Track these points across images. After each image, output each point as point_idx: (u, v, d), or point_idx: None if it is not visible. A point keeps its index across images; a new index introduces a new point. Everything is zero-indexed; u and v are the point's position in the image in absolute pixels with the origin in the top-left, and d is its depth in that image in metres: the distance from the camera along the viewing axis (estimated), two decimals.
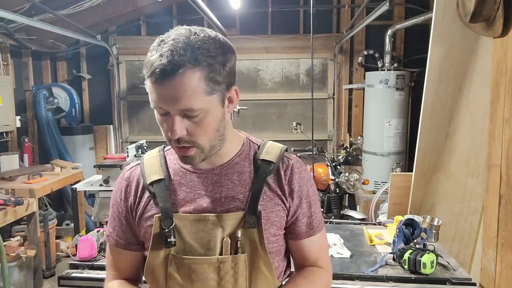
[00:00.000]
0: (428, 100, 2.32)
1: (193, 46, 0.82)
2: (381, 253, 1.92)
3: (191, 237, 0.92)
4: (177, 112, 0.84)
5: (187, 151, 0.89)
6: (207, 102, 0.84)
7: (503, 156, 1.56)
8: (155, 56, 0.81)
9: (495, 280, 1.62)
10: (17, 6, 3.68)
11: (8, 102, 4.13)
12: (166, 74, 0.80)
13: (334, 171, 3.57)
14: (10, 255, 3.10)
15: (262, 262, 0.94)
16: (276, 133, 5.37)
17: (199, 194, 0.95)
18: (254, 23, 5.29)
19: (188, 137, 0.87)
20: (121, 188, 1.01)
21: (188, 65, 0.80)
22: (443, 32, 2.22)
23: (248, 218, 0.92)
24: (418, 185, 2.41)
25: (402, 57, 5.19)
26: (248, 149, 1.00)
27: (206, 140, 0.89)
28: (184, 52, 0.80)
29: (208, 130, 0.88)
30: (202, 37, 0.84)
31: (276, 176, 0.98)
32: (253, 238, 0.93)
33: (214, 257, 0.92)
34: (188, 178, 0.97)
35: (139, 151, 3.79)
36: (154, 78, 0.81)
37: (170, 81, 0.80)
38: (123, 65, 5.42)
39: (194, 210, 0.94)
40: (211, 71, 0.83)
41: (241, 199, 0.94)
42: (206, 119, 0.86)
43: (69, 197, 4.19)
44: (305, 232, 1.01)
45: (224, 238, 0.92)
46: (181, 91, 0.81)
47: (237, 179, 0.96)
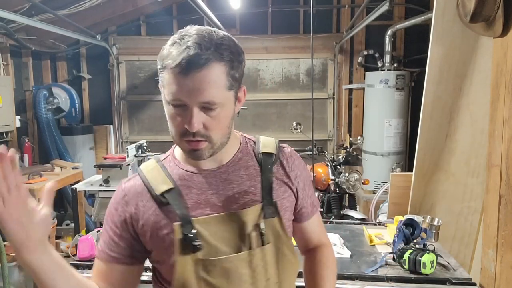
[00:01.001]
0: (428, 100, 2.32)
1: (217, 42, 0.84)
2: (381, 253, 1.92)
3: (215, 239, 0.92)
4: (197, 104, 0.85)
5: (199, 145, 0.89)
6: (226, 96, 0.87)
7: (503, 156, 1.56)
8: (181, 48, 0.82)
9: (495, 280, 1.62)
10: (17, 6, 3.68)
11: (8, 102, 4.13)
12: (193, 66, 0.81)
13: (334, 171, 3.57)
14: (10, 255, 3.10)
15: (286, 248, 0.98)
16: (276, 133, 5.37)
17: (211, 194, 0.95)
18: (254, 23, 5.29)
19: (204, 131, 0.88)
20: (117, 199, 0.97)
21: (214, 59, 0.83)
22: (443, 32, 2.22)
23: (266, 209, 0.95)
24: (418, 185, 2.41)
25: (402, 57, 5.19)
26: (246, 145, 1.03)
27: (219, 135, 0.90)
28: (210, 46, 0.83)
29: (222, 125, 0.90)
30: (222, 35, 0.87)
31: (279, 166, 1.03)
32: (275, 227, 0.96)
33: (244, 253, 0.93)
34: (196, 180, 0.96)
35: (139, 151, 3.79)
36: (179, 68, 0.82)
37: (196, 73, 0.82)
38: (123, 65, 5.42)
39: (211, 211, 0.94)
40: (232, 67, 0.86)
41: (253, 192, 0.97)
42: (221, 114, 0.88)
43: (69, 197, 4.19)
44: (310, 211, 1.10)
45: (249, 233, 0.94)
46: (205, 83, 0.83)
47: (245, 173, 0.98)
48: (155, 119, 5.46)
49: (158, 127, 5.45)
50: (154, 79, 5.41)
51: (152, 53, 5.33)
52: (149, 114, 5.47)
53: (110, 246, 0.96)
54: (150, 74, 5.43)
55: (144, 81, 5.45)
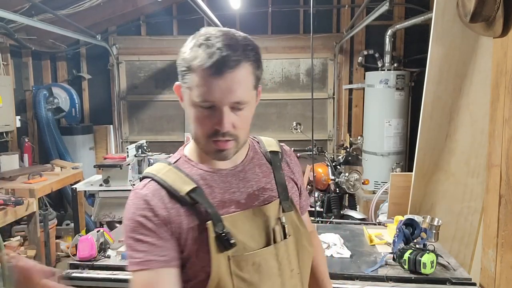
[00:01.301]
0: (428, 100, 2.32)
1: (242, 43, 0.88)
2: (381, 253, 1.92)
3: (242, 235, 0.94)
4: (228, 104, 0.87)
5: (227, 145, 0.91)
6: (252, 96, 0.92)
7: (503, 156, 1.56)
8: (211, 49, 0.84)
9: (495, 280, 1.62)
10: (17, 6, 3.68)
11: (8, 102, 4.13)
12: (226, 66, 0.84)
13: (334, 171, 3.57)
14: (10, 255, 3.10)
15: (304, 239, 1.03)
16: (276, 133, 5.37)
17: (233, 192, 0.97)
18: (254, 23, 5.29)
19: (233, 131, 0.90)
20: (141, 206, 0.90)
21: (243, 59, 0.86)
22: (443, 32, 2.22)
23: (284, 204, 1.01)
24: (418, 185, 2.41)
25: (402, 57, 5.19)
26: (253, 144, 1.07)
27: (244, 134, 0.94)
28: (238, 48, 0.86)
29: (247, 124, 0.94)
30: (244, 36, 0.91)
31: (284, 163, 1.09)
32: (294, 220, 1.02)
33: (271, 246, 0.96)
34: (217, 180, 0.97)
35: (139, 151, 3.79)
36: (213, 69, 0.84)
37: (229, 73, 0.84)
38: (123, 65, 5.42)
39: (236, 208, 0.96)
40: (257, 67, 0.90)
41: (270, 188, 1.01)
42: (247, 112, 0.92)
43: (69, 197, 4.20)
44: (305, 206, 1.17)
45: (273, 227, 0.98)
46: (237, 83, 0.86)
47: (260, 171, 1.02)
48: (155, 119, 5.45)
49: (158, 127, 5.45)
50: (154, 79, 5.41)
51: (152, 53, 5.33)
52: (149, 114, 5.46)
53: (155, 252, 0.88)
54: (150, 74, 5.43)
55: (144, 81, 5.45)
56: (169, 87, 5.39)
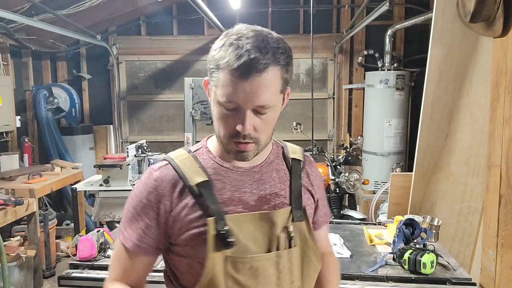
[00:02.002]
0: (428, 100, 2.32)
1: (273, 45, 0.85)
2: (381, 253, 1.92)
3: (244, 237, 0.92)
4: (252, 107, 0.86)
5: (247, 147, 0.90)
6: (278, 100, 0.90)
7: (503, 156, 1.56)
8: (240, 50, 0.82)
9: (495, 280, 1.62)
10: (17, 6, 3.68)
11: (8, 102, 4.13)
12: (253, 69, 0.82)
13: (334, 171, 3.57)
14: (10, 255, 3.10)
15: (312, 252, 1.00)
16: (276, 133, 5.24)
17: (244, 192, 0.96)
18: (254, 23, 5.20)
19: (254, 133, 0.89)
20: (149, 189, 0.93)
21: (272, 63, 0.84)
22: (443, 32, 2.22)
23: (295, 213, 0.98)
24: (418, 185, 2.41)
25: (402, 57, 5.19)
26: (277, 148, 1.06)
27: (266, 137, 0.93)
28: (269, 51, 0.84)
29: (270, 127, 0.93)
30: (276, 38, 0.88)
31: (304, 173, 1.06)
32: (303, 231, 0.98)
33: (272, 253, 0.94)
34: (231, 176, 0.96)
35: (139, 151, 3.79)
36: (240, 71, 0.82)
37: (256, 77, 0.83)
38: (123, 65, 5.42)
39: (243, 209, 0.94)
40: (287, 71, 0.88)
41: (283, 195, 0.99)
42: (271, 116, 0.91)
43: (69, 197, 4.19)
44: (323, 221, 1.13)
45: (278, 234, 0.95)
46: (262, 87, 0.84)
47: (276, 176, 1.00)
48: (155, 119, 5.45)
49: (158, 127, 5.45)
50: (154, 79, 5.41)
51: (152, 53, 5.33)
52: (149, 114, 5.46)
53: (139, 237, 0.94)
54: (150, 74, 5.43)
55: (144, 81, 5.45)
56: (169, 87, 5.40)
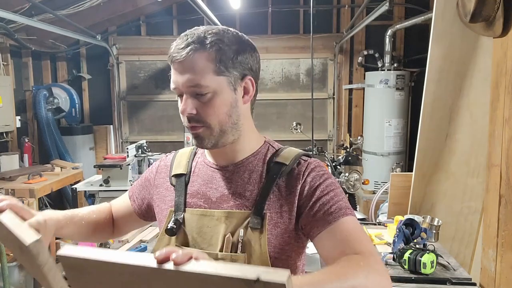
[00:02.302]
0: (428, 100, 2.32)
1: (207, 32, 0.91)
2: (381, 253, 1.92)
3: (195, 232, 0.96)
4: (188, 90, 0.91)
5: (196, 129, 0.94)
6: (216, 82, 0.90)
7: (503, 156, 1.56)
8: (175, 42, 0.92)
9: (495, 280, 1.62)
10: (17, 6, 3.69)
11: (8, 102, 4.14)
12: (178, 54, 0.90)
13: (334, 171, 3.57)
14: (10, 255, 3.10)
15: (259, 263, 0.91)
16: (276, 133, 5.37)
17: (210, 188, 0.99)
18: (254, 23, 5.29)
19: (197, 116, 0.92)
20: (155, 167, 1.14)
21: (197, 46, 0.89)
22: (443, 32, 2.22)
23: (253, 219, 0.92)
24: (418, 185, 2.41)
25: (402, 57, 5.19)
26: (265, 151, 1.01)
27: (215, 121, 0.92)
28: (197, 37, 0.90)
29: (218, 112, 0.92)
30: (220, 29, 0.93)
31: (288, 178, 0.95)
32: (256, 240, 0.91)
33: (214, 253, 0.92)
34: (204, 171, 1.02)
35: (139, 151, 3.79)
36: (171, 59, 0.92)
37: (182, 59, 0.89)
38: (123, 65, 5.42)
39: (204, 203, 0.98)
40: (220, 54, 0.90)
41: (247, 197, 0.94)
42: (214, 100, 0.91)
43: (69, 197, 4.20)
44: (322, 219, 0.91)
45: (227, 236, 0.92)
46: (189, 68, 0.89)
47: (247, 177, 0.98)
48: (155, 119, 5.45)
49: (158, 127, 5.45)
50: (154, 79, 5.41)
51: (152, 53, 5.33)
52: (149, 114, 5.46)
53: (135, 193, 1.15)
54: (150, 74, 5.43)
55: (144, 81, 5.45)
56: (169, 87, 5.38)
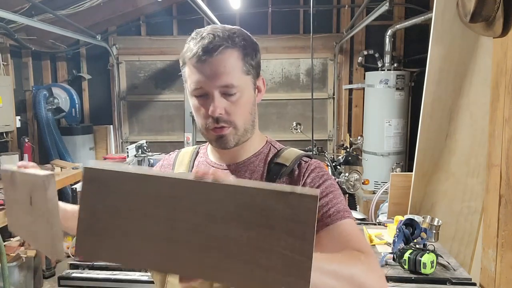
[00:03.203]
0: (428, 100, 2.32)
1: (230, 31, 0.91)
2: (381, 253, 1.92)
3: None
4: (217, 89, 0.89)
5: (223, 130, 0.93)
6: (244, 80, 0.91)
7: (503, 156, 1.56)
8: (197, 40, 0.89)
9: (495, 280, 1.62)
10: (17, 6, 3.68)
11: (8, 102, 4.13)
12: (208, 52, 0.87)
13: (334, 171, 3.57)
14: (10, 255, 3.10)
15: None
16: (276, 133, 5.37)
17: None
18: (254, 23, 5.29)
19: (226, 116, 0.91)
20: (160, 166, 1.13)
21: (227, 44, 0.88)
22: (443, 32, 2.22)
23: None
24: (418, 185, 2.41)
25: (402, 57, 5.19)
26: (267, 152, 1.02)
27: (242, 121, 0.93)
28: (223, 35, 0.89)
29: (244, 110, 0.93)
30: (237, 29, 0.93)
31: (288, 180, 0.96)
32: None
33: None
34: None
35: (139, 151, 3.80)
36: (197, 57, 0.88)
37: (212, 59, 0.87)
38: (123, 65, 5.42)
39: None
40: (246, 54, 0.91)
41: None
42: (242, 99, 0.91)
43: (69, 197, 4.19)
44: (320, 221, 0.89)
45: None
46: (221, 68, 0.88)
47: (248, 177, 0.98)
48: (155, 119, 5.45)
49: (158, 127, 5.45)
50: (154, 79, 5.41)
51: (152, 53, 5.33)
52: (149, 114, 5.46)
53: None
54: (150, 74, 5.43)
55: (144, 81, 5.45)
56: (169, 87, 5.40)
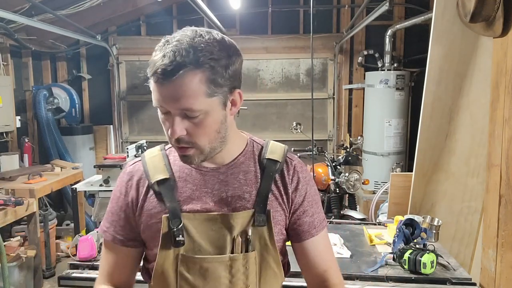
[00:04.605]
0: (428, 100, 2.32)
1: (196, 48, 0.82)
2: (381, 253, 1.92)
3: (200, 236, 0.93)
4: (177, 111, 0.85)
5: (186, 151, 0.90)
6: (208, 104, 0.85)
7: (503, 156, 1.56)
8: (159, 56, 0.83)
9: (495, 280, 1.62)
10: (17, 6, 3.68)
11: (8, 102, 4.13)
12: (167, 75, 0.81)
13: (334, 171, 3.57)
14: (10, 255, 3.10)
15: (271, 259, 0.96)
16: (276, 133, 5.37)
17: (205, 192, 0.96)
18: (254, 23, 5.29)
19: (188, 138, 0.88)
20: (122, 182, 1.01)
21: (189, 67, 0.81)
22: (443, 32, 2.22)
23: (258, 217, 0.94)
24: (418, 185, 2.41)
25: (402, 57, 5.19)
26: (252, 149, 1.01)
27: (206, 141, 0.89)
28: (187, 54, 0.81)
29: (208, 131, 0.88)
30: (206, 39, 0.84)
31: (280, 176, 0.99)
32: (263, 236, 0.95)
33: (225, 256, 0.93)
34: (194, 176, 0.97)
35: (139, 151, 3.79)
36: (156, 77, 0.83)
37: (171, 82, 0.81)
38: (123, 65, 5.42)
39: (202, 208, 0.94)
40: (213, 73, 0.83)
41: (247, 198, 0.95)
42: (206, 120, 0.86)
43: (69, 197, 4.19)
44: (307, 231, 1.01)
45: (234, 237, 0.93)
46: (181, 92, 0.82)
47: (243, 178, 0.97)
48: (155, 119, 5.41)
49: (158, 127, 5.37)
50: None
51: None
52: (149, 114, 5.46)
53: (117, 229, 1.00)
54: None
55: (144, 81, 5.38)
56: None
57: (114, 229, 1.00)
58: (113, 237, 1.00)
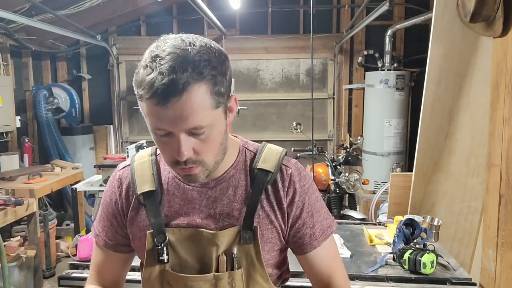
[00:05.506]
0: (428, 100, 2.32)
1: (194, 59, 0.75)
2: (381, 253, 1.92)
3: (186, 253, 0.91)
4: (183, 131, 0.77)
5: (192, 170, 0.83)
6: (213, 116, 0.79)
7: (503, 156, 1.56)
8: (153, 74, 0.73)
9: (495, 280, 1.62)
10: (17, 6, 3.68)
11: (8, 102, 4.13)
12: (170, 94, 0.73)
13: (334, 171, 3.57)
14: (10, 255, 3.10)
15: (258, 275, 0.92)
16: (276, 133, 5.37)
17: (193, 208, 0.91)
18: (254, 23, 5.29)
19: (195, 157, 0.81)
20: (112, 188, 0.98)
21: (193, 80, 0.74)
22: (443, 32, 2.22)
23: (244, 234, 0.89)
24: (418, 185, 2.41)
25: (402, 57, 5.19)
26: (244, 159, 0.95)
27: (212, 157, 0.84)
28: (186, 67, 0.73)
29: (214, 146, 0.83)
30: (199, 48, 0.77)
31: (273, 188, 0.93)
32: (250, 253, 0.91)
33: (210, 274, 0.89)
34: (182, 190, 0.92)
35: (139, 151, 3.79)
36: (157, 99, 0.73)
37: (176, 101, 0.73)
38: (123, 65, 5.42)
39: (188, 224, 0.90)
40: (216, 83, 0.77)
41: (235, 216, 0.91)
42: (212, 135, 0.81)
43: (69, 197, 4.20)
44: (308, 244, 0.96)
45: (219, 256, 0.90)
46: (188, 109, 0.74)
47: (233, 194, 0.92)
48: None
49: None
50: None
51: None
52: None
53: (108, 234, 0.99)
54: None
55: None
56: None
57: (105, 234, 0.99)
58: (105, 242, 0.99)
